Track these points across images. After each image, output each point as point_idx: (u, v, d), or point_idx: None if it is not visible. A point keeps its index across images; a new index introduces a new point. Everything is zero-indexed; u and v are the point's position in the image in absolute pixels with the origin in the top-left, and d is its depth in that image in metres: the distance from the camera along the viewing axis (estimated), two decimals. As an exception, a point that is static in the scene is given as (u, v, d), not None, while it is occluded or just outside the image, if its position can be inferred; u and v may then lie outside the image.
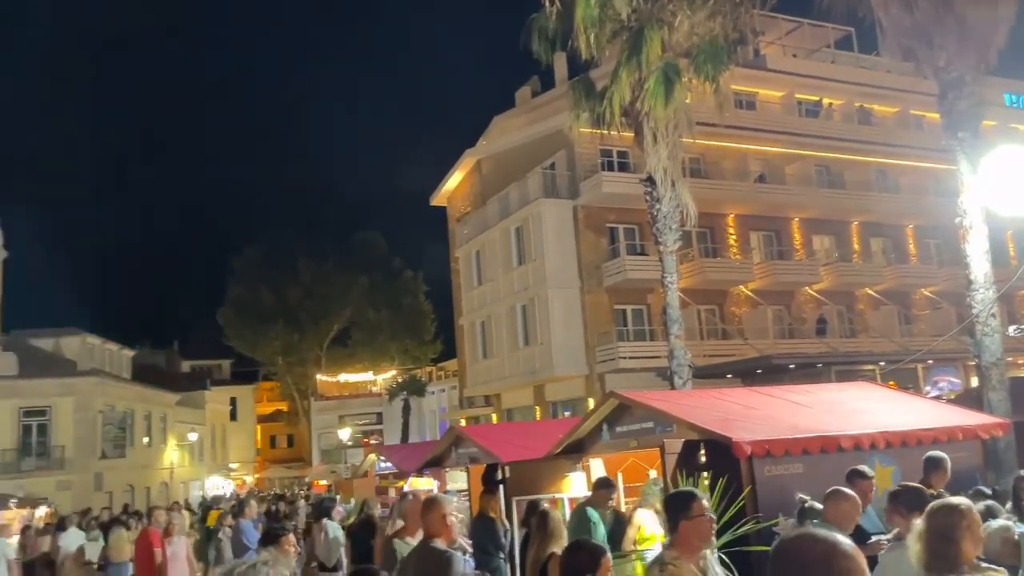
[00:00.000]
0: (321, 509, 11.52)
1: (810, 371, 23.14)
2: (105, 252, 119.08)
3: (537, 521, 6.01)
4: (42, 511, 26.73)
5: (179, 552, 11.73)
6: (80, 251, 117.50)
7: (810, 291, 29.62)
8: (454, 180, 37.23)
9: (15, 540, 14.61)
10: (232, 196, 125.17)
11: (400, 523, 6.59)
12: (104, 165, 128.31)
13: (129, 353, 43.16)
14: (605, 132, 16.64)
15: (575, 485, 9.38)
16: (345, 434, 40.34)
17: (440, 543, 4.64)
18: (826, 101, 33.26)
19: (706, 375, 20.96)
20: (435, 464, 12.96)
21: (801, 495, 5.90)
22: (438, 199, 38.88)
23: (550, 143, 29.16)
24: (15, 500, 27.15)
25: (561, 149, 28.74)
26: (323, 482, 37.27)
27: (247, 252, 52.85)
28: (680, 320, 15.63)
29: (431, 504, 4.84)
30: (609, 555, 3.68)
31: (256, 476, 55.79)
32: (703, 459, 6.95)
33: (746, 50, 31.13)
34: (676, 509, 3.87)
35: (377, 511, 11.38)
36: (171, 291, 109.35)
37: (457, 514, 4.86)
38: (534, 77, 35.02)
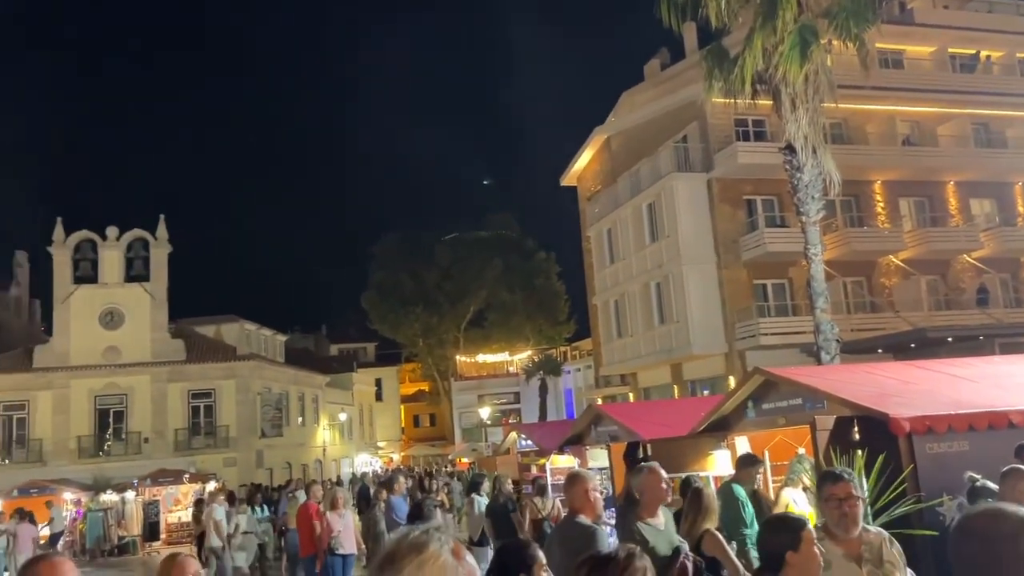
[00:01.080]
0: (472, 485, 11.86)
1: (970, 344, 21.60)
2: (256, 244, 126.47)
3: (691, 498, 5.95)
4: (212, 486, 28.87)
5: (348, 523, 12.35)
6: (235, 245, 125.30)
7: (968, 259, 27.66)
8: (583, 159, 37.09)
9: (223, 508, 16.19)
10: (369, 186, 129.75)
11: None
12: (256, 166, 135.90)
13: (282, 338, 45.79)
14: (740, 101, 16.14)
15: (719, 463, 9.23)
16: (485, 413, 41.25)
17: (584, 518, 4.70)
18: (983, 54, 30.81)
19: (854, 350, 20.02)
20: (575, 442, 13.07)
21: (971, 474, 5.58)
22: (568, 179, 38.87)
23: (681, 116, 28.52)
24: (187, 475, 29.53)
25: (693, 121, 28.06)
26: (465, 460, 38.32)
27: (386, 239, 54.73)
28: (826, 293, 15.01)
29: (574, 480, 4.91)
30: (811, 527, 3.28)
31: (402, 454, 58.03)
32: (857, 436, 6.66)
33: (891, 5, 29.26)
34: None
35: (509, 486, 11.62)
36: (317, 279, 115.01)
37: (600, 490, 4.89)
38: (663, 49, 34.28)
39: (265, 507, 22.54)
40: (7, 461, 32.68)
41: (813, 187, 14.92)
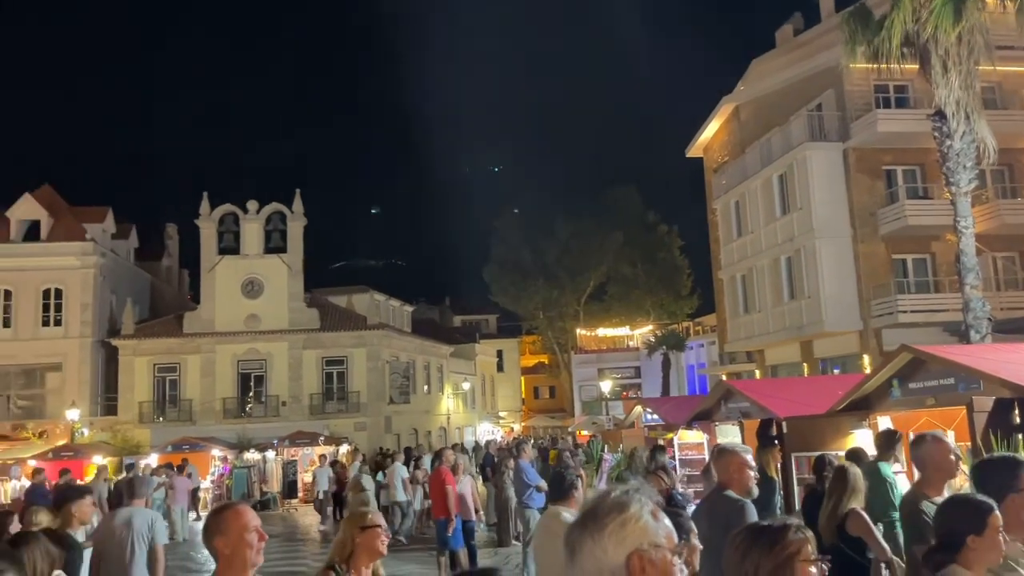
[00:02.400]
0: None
1: None
2: (384, 218, 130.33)
3: (834, 477, 5.83)
4: (344, 448, 30.32)
5: (466, 488, 12.88)
6: (363, 218, 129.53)
7: None
8: (710, 129, 36.15)
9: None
10: (492, 159, 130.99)
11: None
12: (386, 145, 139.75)
13: (408, 309, 47.21)
14: (883, 66, 15.30)
15: (860, 443, 8.94)
16: (606, 387, 41.24)
17: (733, 492, 4.69)
18: None
19: (1006, 330, 18.79)
20: (703, 417, 12.94)
21: None
22: (694, 150, 38.00)
23: (816, 83, 27.30)
24: (323, 438, 31.09)
25: (828, 88, 26.80)
26: (585, 432, 38.49)
27: (507, 213, 55.33)
28: (976, 269, 14.18)
29: (724, 454, 4.90)
30: (998, 513, 2.98)
31: (522, 424, 58.90)
32: (1018, 420, 6.32)
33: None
34: (1000, 478, 3.32)
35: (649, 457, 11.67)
36: (441, 251, 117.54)
37: (752, 466, 4.87)
38: (796, 14, 32.87)
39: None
40: (161, 419, 35.32)
41: (965, 156, 14.05)
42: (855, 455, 7.53)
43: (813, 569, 2.53)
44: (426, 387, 44.52)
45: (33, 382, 36.19)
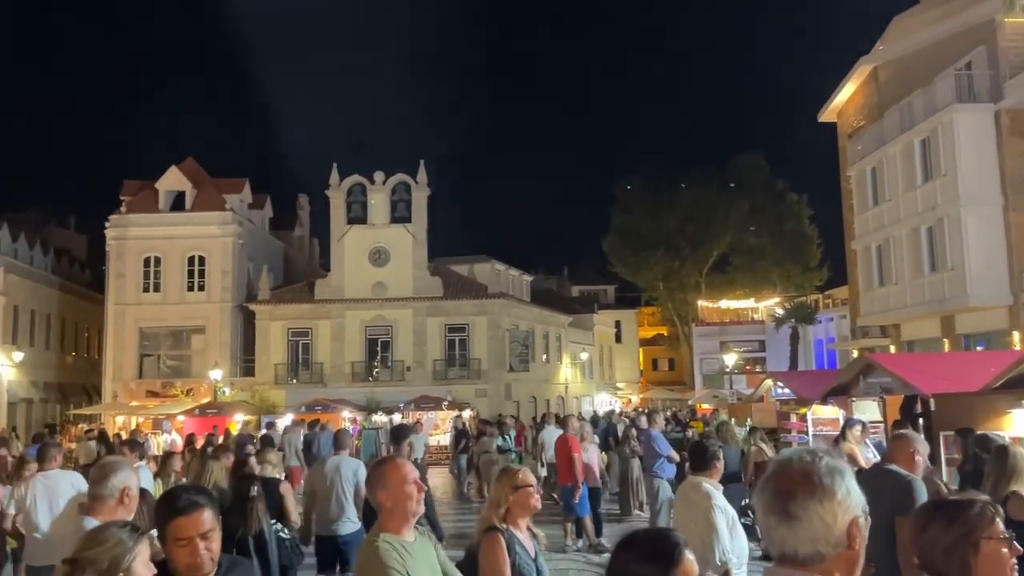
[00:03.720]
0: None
1: None
2: (504, 189, 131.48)
3: (995, 456, 5.53)
4: (467, 414, 31.03)
5: (592, 457, 12.98)
6: (484, 188, 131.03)
7: None
8: (845, 92, 34.36)
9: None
10: (614, 124, 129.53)
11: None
12: (502, 116, 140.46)
13: (527, 278, 47.60)
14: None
15: (1018, 423, 8.43)
16: (730, 360, 40.39)
17: (900, 468, 4.56)
18: None
19: None
20: (840, 392, 12.49)
21: None
22: (827, 115, 36.26)
23: (965, 40, 25.46)
24: (446, 402, 31.92)
25: (979, 46, 24.95)
26: (706, 405, 37.93)
27: (627, 181, 54.51)
28: None
29: (900, 439, 4.79)
30: None
31: (640, 396, 58.55)
32: None
33: None
34: None
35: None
36: (560, 222, 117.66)
37: (923, 455, 4.73)
38: (944, -34, 30.60)
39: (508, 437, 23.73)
40: (295, 381, 37.18)
41: None
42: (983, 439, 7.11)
43: (1004, 548, 2.43)
44: (545, 356, 44.90)
45: (180, 343, 38.80)
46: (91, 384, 43.67)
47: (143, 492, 4.76)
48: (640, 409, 36.92)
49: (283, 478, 8.17)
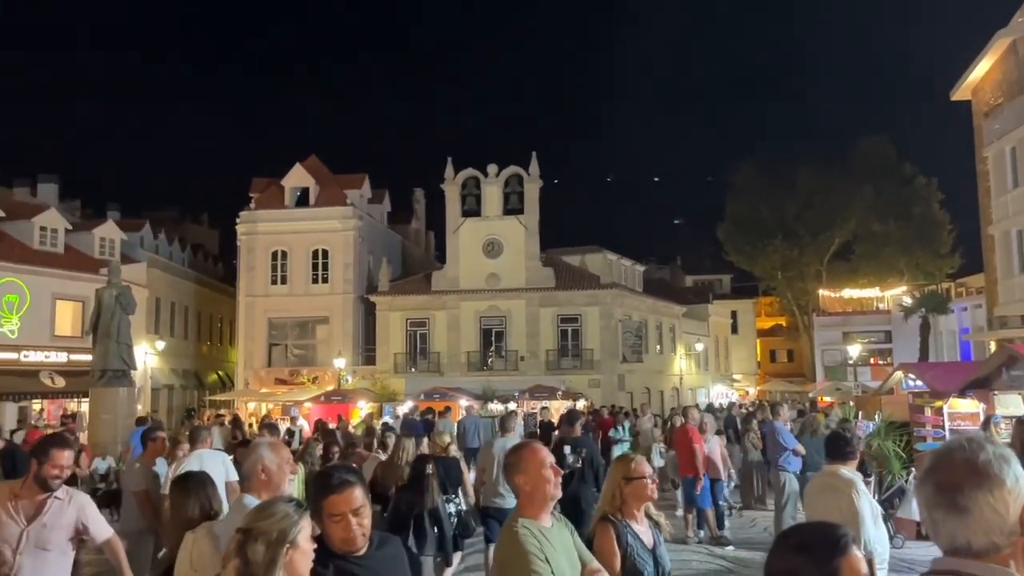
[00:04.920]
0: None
1: None
2: (616, 178, 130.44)
3: None
4: (581, 404, 31.10)
5: (715, 448, 12.82)
6: (595, 178, 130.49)
7: None
8: (980, 69, 32.26)
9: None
10: (728, 107, 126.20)
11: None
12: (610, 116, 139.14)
13: (640, 268, 47.15)
14: None
15: None
16: (854, 351, 38.78)
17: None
18: None
19: None
20: (979, 385, 11.85)
21: None
22: (959, 93, 34.15)
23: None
24: (560, 392, 32.09)
25: None
26: (828, 398, 36.62)
27: (744, 167, 52.93)
28: None
29: None
30: None
31: (758, 388, 57.02)
32: None
33: None
34: None
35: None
36: (671, 210, 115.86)
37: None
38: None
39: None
40: (413, 370, 38.22)
41: None
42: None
43: None
44: (658, 347, 44.41)
45: (305, 333, 40.54)
46: (224, 372, 46.33)
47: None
48: (758, 401, 35.95)
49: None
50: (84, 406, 24.56)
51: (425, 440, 9.94)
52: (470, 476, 8.90)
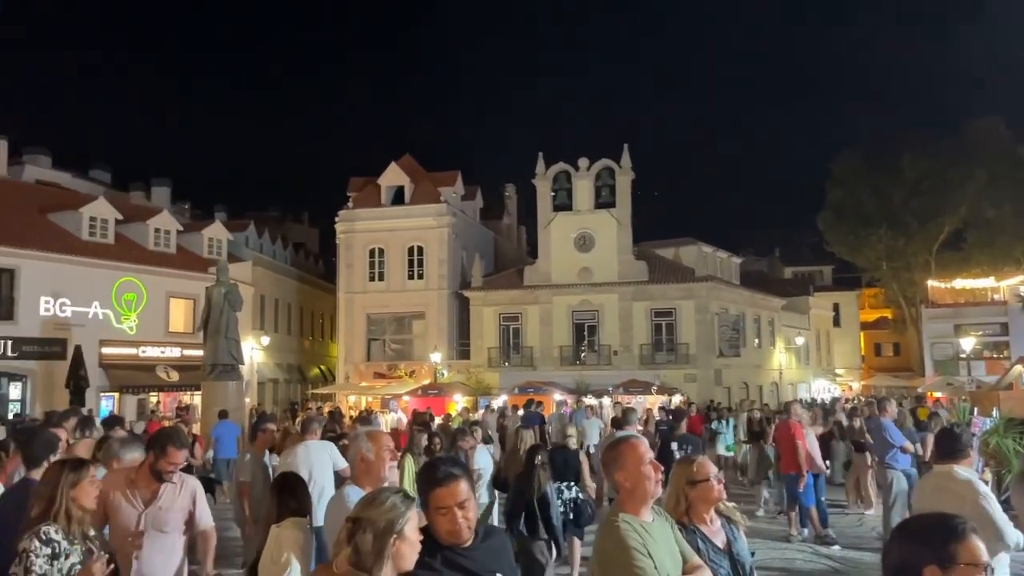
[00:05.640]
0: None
1: None
2: (709, 169, 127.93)
3: None
4: (676, 399, 30.74)
5: (813, 443, 12.43)
6: (688, 169, 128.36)
7: None
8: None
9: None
10: (827, 98, 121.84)
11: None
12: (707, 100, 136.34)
13: (736, 260, 46.10)
14: None
15: None
16: (967, 344, 36.89)
17: None
18: None
19: None
20: (1108, 382, 11.12)
21: None
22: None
23: None
24: (655, 387, 31.76)
25: None
26: (938, 394, 35.02)
27: (847, 154, 50.97)
28: None
29: None
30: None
31: (862, 383, 54.97)
32: None
33: None
34: None
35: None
36: (770, 199, 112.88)
37: None
38: None
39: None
40: (506, 364, 38.52)
41: None
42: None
43: None
44: (756, 341, 43.35)
45: (402, 328, 41.41)
46: (325, 366, 47.83)
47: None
48: (864, 397, 34.67)
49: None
50: (196, 399, 25.79)
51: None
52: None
